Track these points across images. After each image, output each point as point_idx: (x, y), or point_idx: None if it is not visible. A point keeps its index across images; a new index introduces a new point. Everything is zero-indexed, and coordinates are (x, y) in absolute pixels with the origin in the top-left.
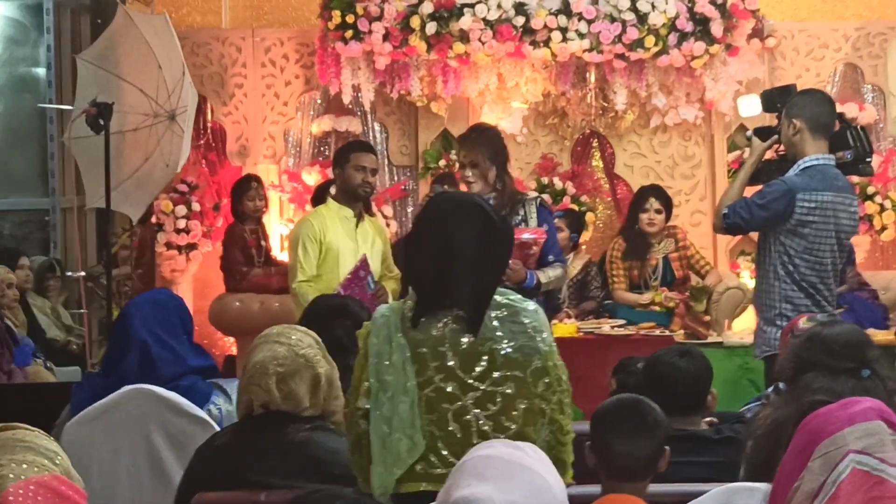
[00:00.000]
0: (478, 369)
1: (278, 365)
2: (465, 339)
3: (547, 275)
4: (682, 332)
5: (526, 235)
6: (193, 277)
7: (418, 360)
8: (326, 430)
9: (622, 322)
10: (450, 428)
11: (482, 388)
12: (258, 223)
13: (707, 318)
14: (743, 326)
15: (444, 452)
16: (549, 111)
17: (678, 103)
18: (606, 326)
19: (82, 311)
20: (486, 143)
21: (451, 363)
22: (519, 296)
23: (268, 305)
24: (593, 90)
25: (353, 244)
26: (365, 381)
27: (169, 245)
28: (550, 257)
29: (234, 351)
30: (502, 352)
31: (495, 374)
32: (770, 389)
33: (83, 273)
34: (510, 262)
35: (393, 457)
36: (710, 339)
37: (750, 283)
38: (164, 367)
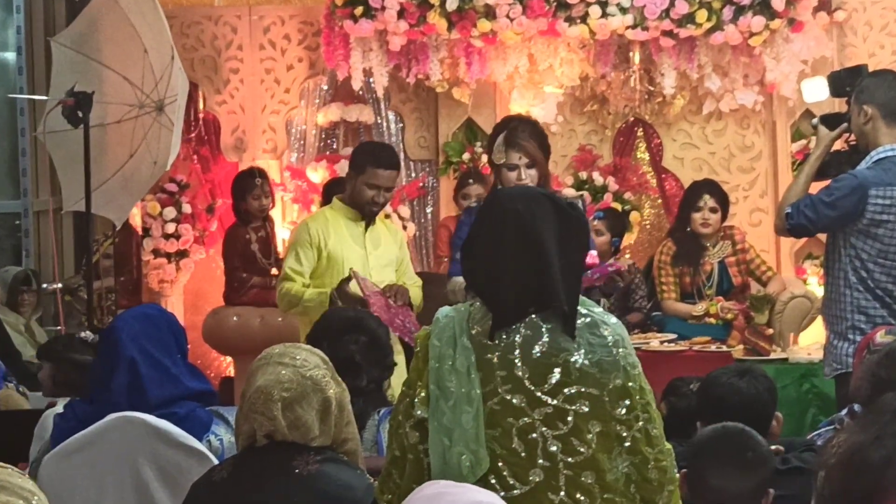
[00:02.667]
0: (550, 382)
1: (283, 389)
2: (537, 348)
3: None
4: (741, 347)
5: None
6: (184, 289)
7: (484, 367)
8: (338, 462)
9: (672, 337)
10: (513, 446)
11: (553, 403)
12: (264, 223)
13: (769, 331)
14: (811, 340)
15: (505, 473)
16: (588, 97)
17: (734, 86)
18: (655, 342)
19: (59, 328)
20: (539, 136)
21: (520, 373)
22: (599, 307)
23: (269, 320)
24: (637, 72)
25: (361, 250)
26: (420, 388)
27: (156, 252)
28: None
29: (231, 372)
30: (577, 364)
31: (568, 390)
32: (843, 413)
33: (60, 285)
34: None
35: (453, 474)
36: (773, 356)
37: (818, 291)
38: (157, 390)
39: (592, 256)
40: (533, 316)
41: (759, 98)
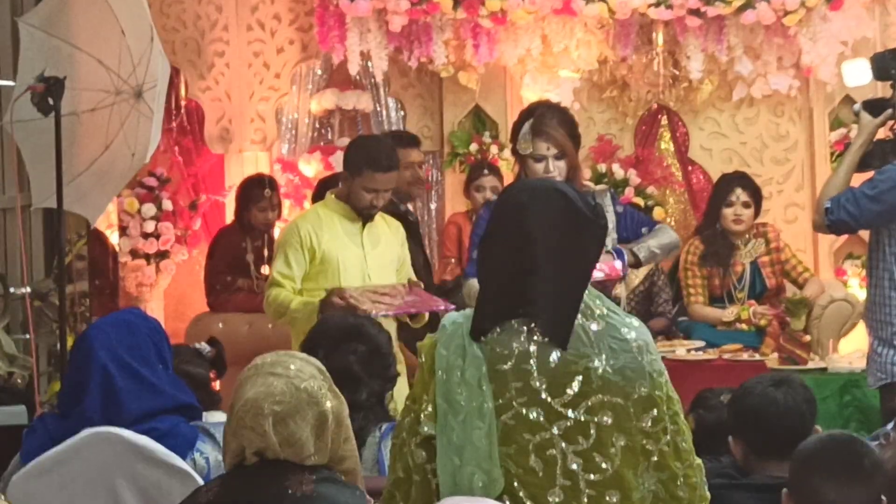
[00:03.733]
0: (569, 393)
1: (275, 402)
2: (554, 356)
3: (646, 246)
4: (775, 356)
5: (597, 273)
6: (165, 293)
7: (497, 378)
8: (335, 482)
9: (700, 344)
10: (530, 464)
11: (573, 416)
12: (263, 235)
13: (807, 338)
14: (852, 348)
15: (522, 495)
16: (607, 82)
17: (767, 70)
18: (681, 349)
19: (27, 336)
20: (569, 124)
21: (536, 384)
22: (621, 309)
23: (258, 327)
24: (661, 55)
25: (358, 250)
26: (427, 402)
27: (134, 253)
28: (644, 230)
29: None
30: (599, 371)
31: (590, 401)
32: (889, 427)
33: (28, 290)
34: None
35: (464, 496)
36: (810, 365)
37: (860, 294)
38: (135, 403)
39: (615, 268)
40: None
41: (794, 83)
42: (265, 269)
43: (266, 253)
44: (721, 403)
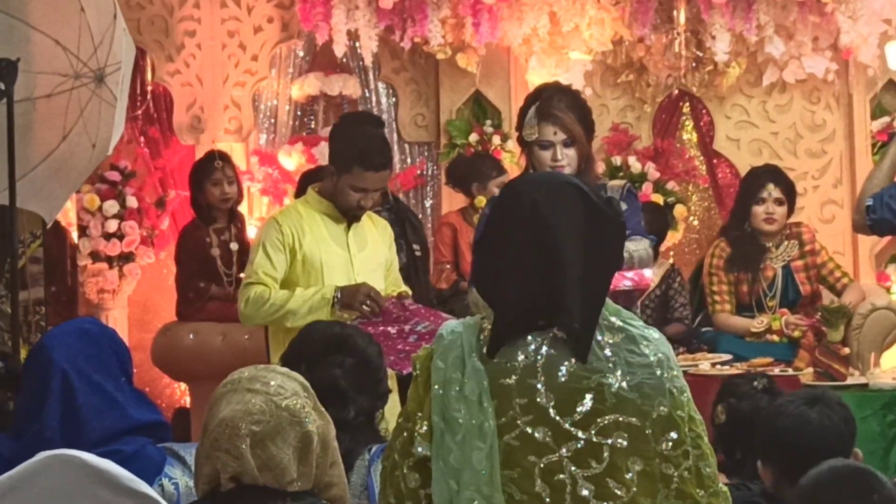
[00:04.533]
0: (580, 410)
1: (253, 422)
2: (563, 370)
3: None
4: (810, 370)
5: (625, 283)
6: (129, 300)
7: (499, 393)
8: None
9: (727, 357)
10: (536, 489)
11: (584, 437)
12: (230, 220)
13: (846, 350)
14: None
15: None
16: (623, 65)
17: (802, 52)
18: (705, 363)
19: None
20: (580, 108)
21: (542, 401)
22: (640, 320)
23: (233, 339)
24: (683, 35)
25: (343, 253)
26: (421, 420)
27: (95, 256)
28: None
29: (186, 402)
30: (614, 388)
31: (603, 420)
32: None
33: None
34: None
35: None
36: (850, 381)
37: None
38: (98, 422)
39: (644, 277)
40: (555, 330)
41: (831, 66)
42: (233, 269)
43: (235, 247)
44: (754, 390)
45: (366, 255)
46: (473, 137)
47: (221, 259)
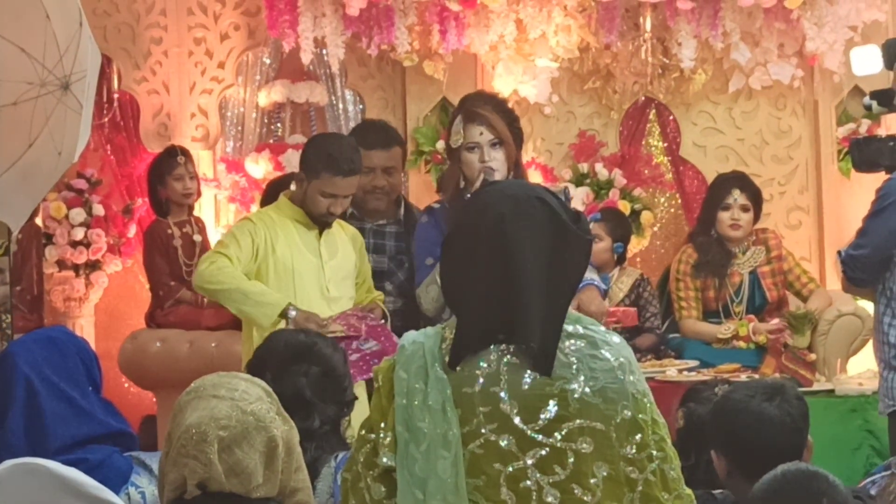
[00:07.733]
0: (543, 417)
1: (220, 427)
2: (526, 377)
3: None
4: (777, 376)
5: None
6: (96, 308)
7: (463, 402)
8: None
9: (693, 364)
10: (502, 497)
11: (548, 443)
12: (189, 215)
13: (812, 356)
14: (862, 368)
15: None
16: (589, 72)
17: (768, 58)
18: (671, 370)
19: None
20: (506, 113)
21: (506, 408)
22: (600, 325)
23: (200, 346)
24: (649, 42)
25: (315, 260)
26: (385, 431)
27: (62, 264)
28: None
29: (153, 410)
30: (577, 394)
31: (567, 426)
32: None
33: None
34: None
35: None
36: (816, 387)
37: (870, 308)
38: (63, 430)
39: (629, 315)
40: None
41: (797, 72)
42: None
43: (198, 239)
44: (715, 396)
45: (336, 263)
46: (440, 145)
47: (183, 250)
